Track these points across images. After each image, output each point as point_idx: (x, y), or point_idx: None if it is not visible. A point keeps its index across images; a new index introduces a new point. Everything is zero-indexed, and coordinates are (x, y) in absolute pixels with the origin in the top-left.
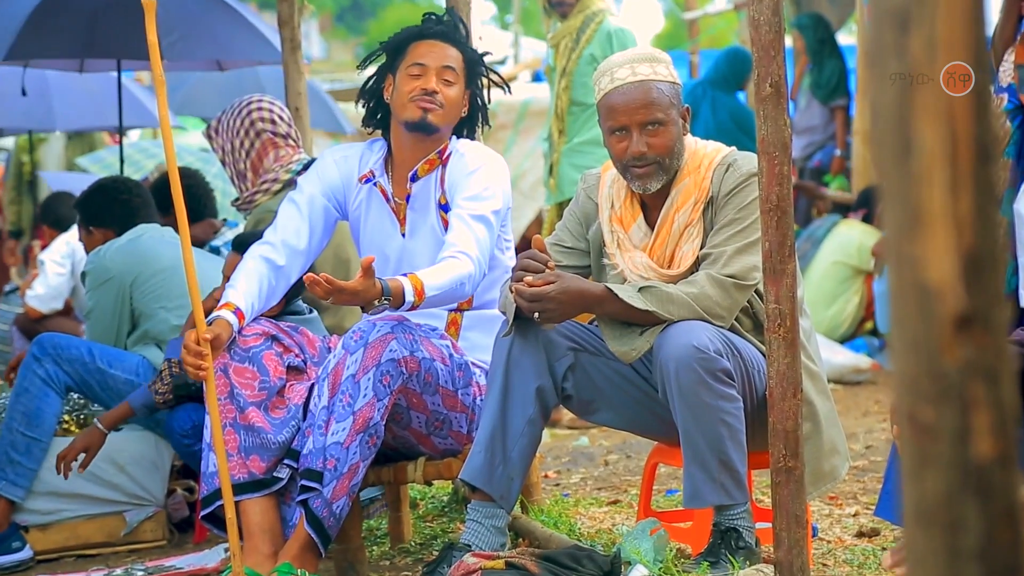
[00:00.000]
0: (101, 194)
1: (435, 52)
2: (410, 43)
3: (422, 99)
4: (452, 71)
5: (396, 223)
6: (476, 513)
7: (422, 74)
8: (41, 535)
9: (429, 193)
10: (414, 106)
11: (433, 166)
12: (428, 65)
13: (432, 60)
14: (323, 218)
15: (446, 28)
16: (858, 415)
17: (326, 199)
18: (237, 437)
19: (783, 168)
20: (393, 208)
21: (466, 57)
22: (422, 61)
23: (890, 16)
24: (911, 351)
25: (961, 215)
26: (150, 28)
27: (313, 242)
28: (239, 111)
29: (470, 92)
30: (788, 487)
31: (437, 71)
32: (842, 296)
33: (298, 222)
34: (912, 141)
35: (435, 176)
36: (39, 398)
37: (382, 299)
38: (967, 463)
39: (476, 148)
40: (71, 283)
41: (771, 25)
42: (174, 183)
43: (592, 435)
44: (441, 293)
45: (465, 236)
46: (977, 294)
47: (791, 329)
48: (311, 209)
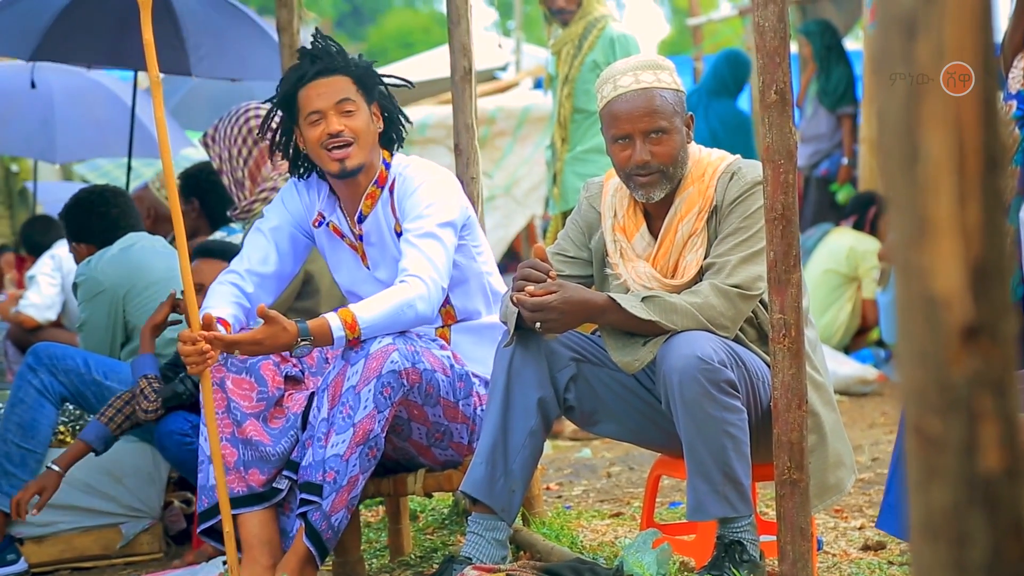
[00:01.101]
0: (79, 209)
1: (324, 92)
2: (297, 93)
3: (332, 145)
4: (349, 101)
5: (357, 258)
6: (477, 526)
7: (321, 119)
8: (36, 547)
9: (381, 226)
10: (328, 158)
11: (376, 198)
12: (323, 108)
13: (324, 101)
14: (290, 244)
15: (324, 63)
16: (864, 427)
17: (291, 227)
18: (235, 452)
19: (788, 176)
20: (351, 244)
21: (355, 78)
22: (315, 108)
23: (897, 22)
24: (918, 362)
25: (969, 224)
26: (146, 27)
27: (284, 266)
28: (236, 119)
29: (377, 103)
30: (793, 499)
31: (334, 109)
32: (835, 304)
33: (265, 249)
34: (919, 149)
35: (382, 205)
36: (34, 409)
37: (299, 341)
38: (974, 475)
39: (418, 166)
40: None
41: (776, 31)
42: (170, 188)
43: (594, 447)
44: (382, 320)
45: (413, 258)
46: (985, 304)
47: (796, 339)
48: (277, 236)
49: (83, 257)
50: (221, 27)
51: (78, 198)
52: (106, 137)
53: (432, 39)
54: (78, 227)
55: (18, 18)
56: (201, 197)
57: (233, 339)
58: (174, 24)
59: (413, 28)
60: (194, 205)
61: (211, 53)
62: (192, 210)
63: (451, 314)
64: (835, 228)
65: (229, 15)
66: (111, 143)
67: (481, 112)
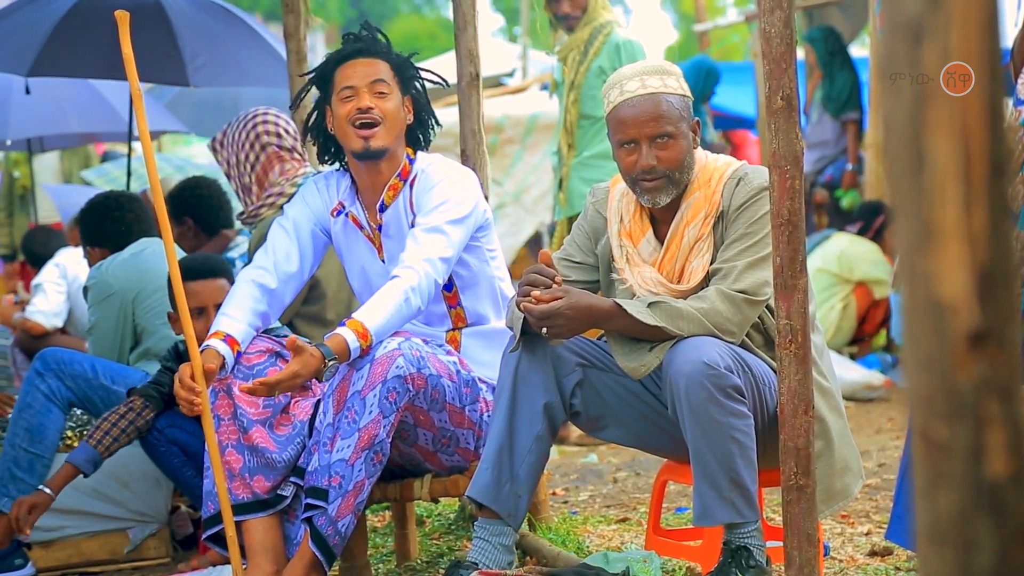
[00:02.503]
0: (93, 214)
1: (360, 70)
2: (335, 69)
3: (359, 122)
4: (383, 83)
5: (373, 250)
6: (483, 531)
7: (353, 95)
8: (44, 552)
9: (401, 219)
10: (355, 135)
11: (397, 190)
12: (357, 85)
13: (359, 79)
14: (311, 242)
15: (365, 44)
16: (871, 432)
17: (312, 224)
18: (241, 458)
19: (795, 182)
20: (368, 236)
21: (393, 65)
22: (350, 83)
23: (903, 28)
24: (924, 368)
25: (975, 231)
26: (124, 41)
27: (304, 265)
28: (244, 124)
29: (411, 97)
30: (799, 505)
31: (368, 87)
32: (825, 304)
33: (288, 245)
34: (925, 155)
35: (403, 200)
36: (42, 414)
37: (328, 363)
38: (981, 481)
39: (440, 163)
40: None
41: (783, 37)
42: (157, 199)
43: (601, 452)
44: (389, 321)
45: (411, 250)
46: (991, 310)
47: (803, 345)
48: (299, 233)
49: (96, 261)
50: (218, 35)
51: (93, 203)
52: (65, 113)
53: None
54: (92, 231)
55: (12, 33)
56: (192, 214)
57: (275, 382)
58: (170, 34)
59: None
60: (188, 224)
61: (209, 62)
62: (188, 229)
63: (461, 316)
64: (836, 233)
65: (226, 22)
66: (70, 119)
67: (488, 120)
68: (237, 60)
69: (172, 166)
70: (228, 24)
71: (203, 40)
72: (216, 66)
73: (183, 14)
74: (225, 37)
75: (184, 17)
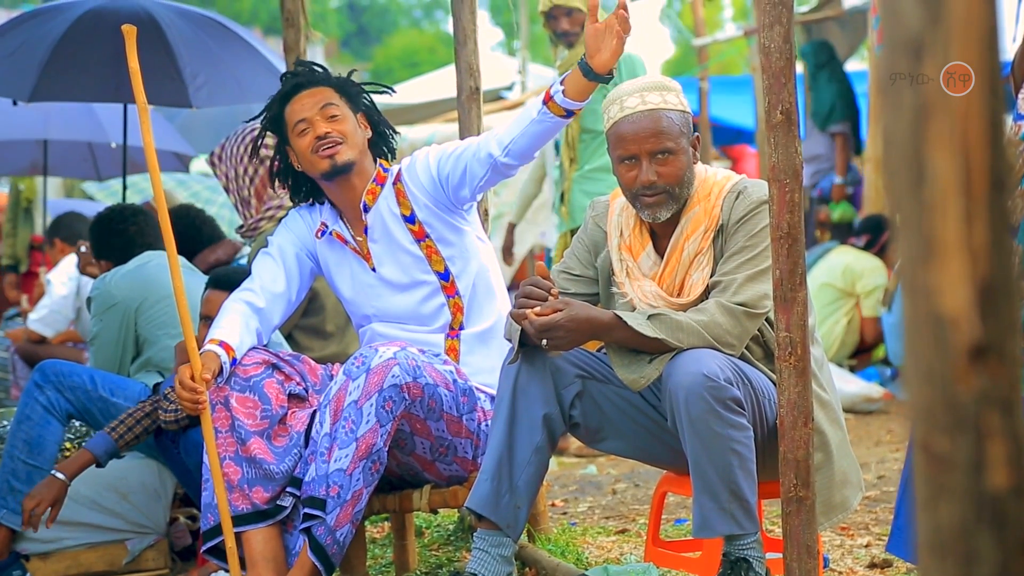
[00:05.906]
0: (99, 227)
1: (307, 102)
2: (283, 109)
3: (322, 147)
4: (333, 106)
5: (362, 261)
6: (482, 542)
7: (308, 127)
8: (42, 564)
9: (385, 218)
10: (318, 159)
11: (377, 194)
12: (308, 116)
13: (309, 110)
14: (297, 266)
15: (304, 77)
16: (870, 444)
17: (296, 249)
18: (239, 470)
19: (794, 195)
20: (355, 249)
21: (337, 88)
22: (301, 117)
23: (903, 43)
24: (925, 381)
25: (975, 245)
26: (131, 56)
27: (291, 287)
28: (242, 138)
29: (363, 113)
30: (799, 517)
31: (319, 114)
32: (830, 318)
33: (274, 270)
34: (926, 170)
35: (387, 196)
36: (41, 426)
37: None
38: (982, 494)
39: (423, 151)
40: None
41: (782, 52)
42: (162, 212)
43: (600, 463)
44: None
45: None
46: (992, 324)
47: (802, 357)
48: (284, 258)
49: (100, 273)
50: (217, 54)
51: (99, 217)
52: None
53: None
54: (98, 244)
55: (9, 57)
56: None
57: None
58: (170, 56)
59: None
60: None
61: (209, 81)
62: None
63: (459, 307)
64: (839, 246)
65: (223, 40)
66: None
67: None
68: (236, 77)
69: (174, 180)
70: (223, 40)
71: (201, 58)
72: (215, 85)
73: (179, 32)
74: (223, 55)
75: (181, 35)
